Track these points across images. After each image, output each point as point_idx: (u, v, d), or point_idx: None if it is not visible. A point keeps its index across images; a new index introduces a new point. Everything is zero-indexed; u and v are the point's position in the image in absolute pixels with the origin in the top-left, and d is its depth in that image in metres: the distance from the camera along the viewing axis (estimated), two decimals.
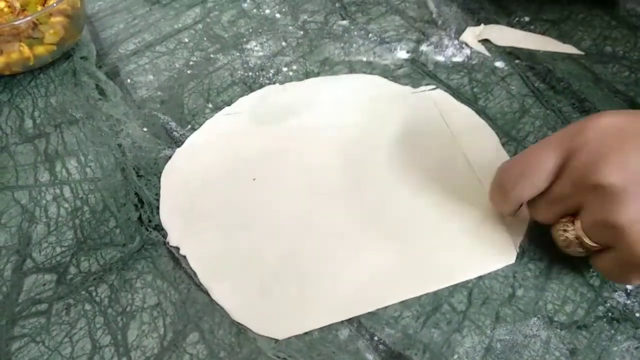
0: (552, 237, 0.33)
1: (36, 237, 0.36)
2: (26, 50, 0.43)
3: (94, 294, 0.33)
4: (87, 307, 0.33)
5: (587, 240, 0.30)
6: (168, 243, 0.35)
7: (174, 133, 0.41)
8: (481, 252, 0.35)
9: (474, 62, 0.46)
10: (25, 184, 0.38)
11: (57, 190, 0.38)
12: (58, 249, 0.35)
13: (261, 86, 0.44)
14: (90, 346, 0.31)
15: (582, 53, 0.46)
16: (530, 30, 0.48)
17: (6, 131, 0.41)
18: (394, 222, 0.36)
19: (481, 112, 0.42)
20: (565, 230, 0.31)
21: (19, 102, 0.43)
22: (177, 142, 0.40)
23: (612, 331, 0.31)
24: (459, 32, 0.48)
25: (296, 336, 0.31)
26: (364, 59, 0.46)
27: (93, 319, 0.32)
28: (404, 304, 0.33)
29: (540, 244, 0.35)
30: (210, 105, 0.43)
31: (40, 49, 0.44)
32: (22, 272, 0.34)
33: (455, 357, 0.31)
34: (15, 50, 0.43)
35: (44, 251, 0.35)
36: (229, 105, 0.43)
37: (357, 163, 0.39)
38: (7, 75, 0.45)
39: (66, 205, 0.37)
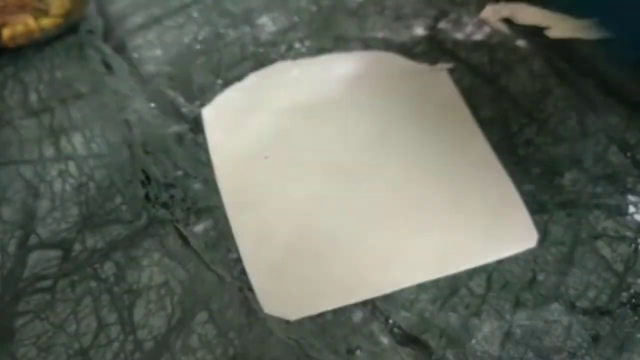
0: None
1: (41, 212, 0.34)
2: (32, 22, 0.42)
3: (99, 271, 0.32)
4: (93, 284, 0.32)
5: None
6: (176, 221, 0.34)
7: (183, 109, 0.40)
8: (501, 235, 0.33)
9: (494, 41, 0.44)
10: (30, 158, 0.37)
11: (62, 166, 0.37)
12: (63, 225, 0.34)
13: (273, 62, 0.43)
14: (96, 324, 0.30)
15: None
16: (552, 10, 0.47)
17: (10, 105, 0.40)
18: (410, 202, 0.35)
19: (502, 92, 0.41)
20: None
21: (24, 75, 0.42)
22: (186, 118, 0.39)
23: (637, 318, 0.30)
24: (479, 9, 0.47)
25: (308, 317, 0.30)
26: (380, 36, 0.45)
27: (99, 297, 0.31)
28: (421, 286, 0.32)
29: (562, 228, 0.34)
30: (220, 81, 0.41)
31: (46, 21, 0.43)
32: (27, 248, 0.33)
33: (474, 342, 0.30)
34: (21, 22, 0.42)
35: (49, 227, 0.34)
36: (240, 80, 0.41)
37: (372, 142, 0.38)
38: (12, 48, 0.43)
39: (71, 180, 0.36)
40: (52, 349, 0.30)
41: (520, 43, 0.44)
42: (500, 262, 0.32)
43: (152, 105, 0.40)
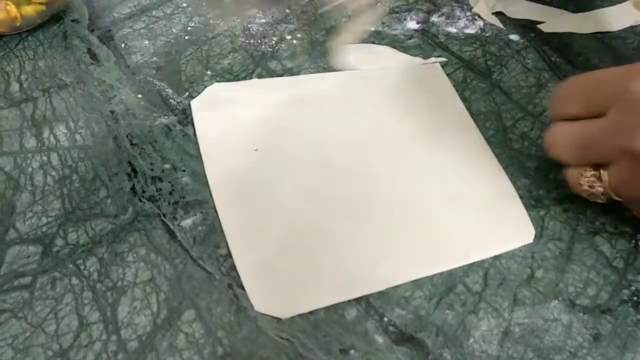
0: (570, 184, 0.31)
1: (20, 206, 0.33)
2: (13, 10, 0.41)
3: (82, 267, 0.31)
4: (75, 281, 0.30)
5: (616, 197, 0.29)
6: (163, 215, 0.33)
7: (171, 100, 0.38)
8: (498, 230, 0.33)
9: (487, 35, 0.44)
10: (10, 150, 0.36)
11: (44, 158, 0.35)
12: (44, 219, 0.32)
13: (263, 54, 0.42)
14: (77, 323, 0.29)
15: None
16: (546, 4, 0.46)
17: None
18: (404, 198, 0.34)
19: (496, 86, 0.40)
20: (591, 187, 0.30)
21: (5, 65, 0.40)
22: (174, 110, 0.38)
23: (639, 316, 0.29)
24: (472, 3, 0.46)
25: (300, 315, 0.29)
26: (372, 29, 0.44)
27: (80, 294, 0.30)
28: (416, 283, 0.31)
29: (560, 222, 0.33)
30: (209, 72, 0.40)
31: (27, 9, 0.41)
32: (5, 243, 0.32)
33: (471, 340, 0.29)
34: (2, 9, 0.40)
35: (29, 221, 0.32)
36: (229, 72, 0.40)
37: (365, 136, 0.37)
38: None
39: (53, 173, 0.34)
40: (30, 350, 0.28)
41: (514, 37, 0.43)
42: (496, 258, 0.31)
43: (139, 96, 0.39)
